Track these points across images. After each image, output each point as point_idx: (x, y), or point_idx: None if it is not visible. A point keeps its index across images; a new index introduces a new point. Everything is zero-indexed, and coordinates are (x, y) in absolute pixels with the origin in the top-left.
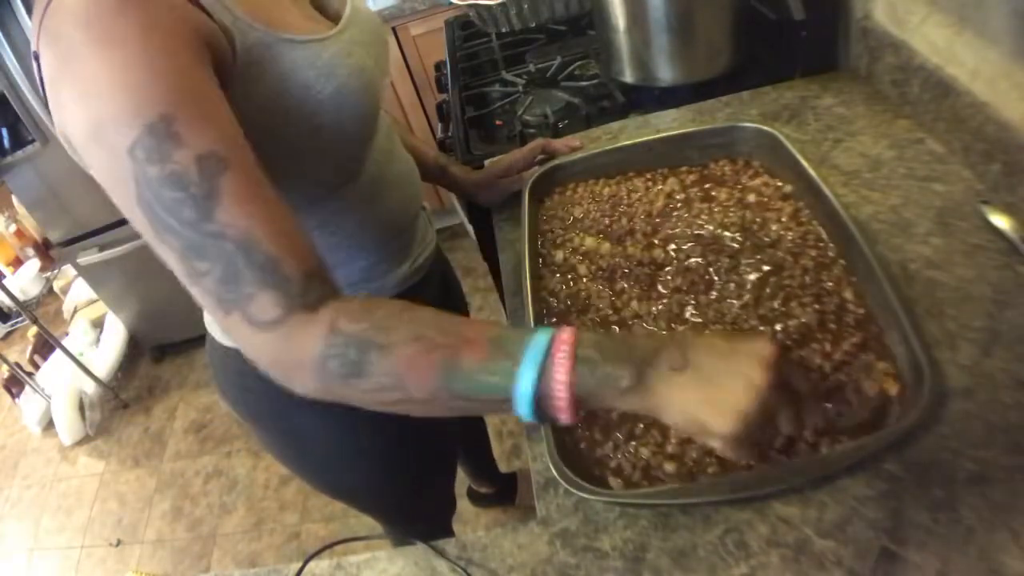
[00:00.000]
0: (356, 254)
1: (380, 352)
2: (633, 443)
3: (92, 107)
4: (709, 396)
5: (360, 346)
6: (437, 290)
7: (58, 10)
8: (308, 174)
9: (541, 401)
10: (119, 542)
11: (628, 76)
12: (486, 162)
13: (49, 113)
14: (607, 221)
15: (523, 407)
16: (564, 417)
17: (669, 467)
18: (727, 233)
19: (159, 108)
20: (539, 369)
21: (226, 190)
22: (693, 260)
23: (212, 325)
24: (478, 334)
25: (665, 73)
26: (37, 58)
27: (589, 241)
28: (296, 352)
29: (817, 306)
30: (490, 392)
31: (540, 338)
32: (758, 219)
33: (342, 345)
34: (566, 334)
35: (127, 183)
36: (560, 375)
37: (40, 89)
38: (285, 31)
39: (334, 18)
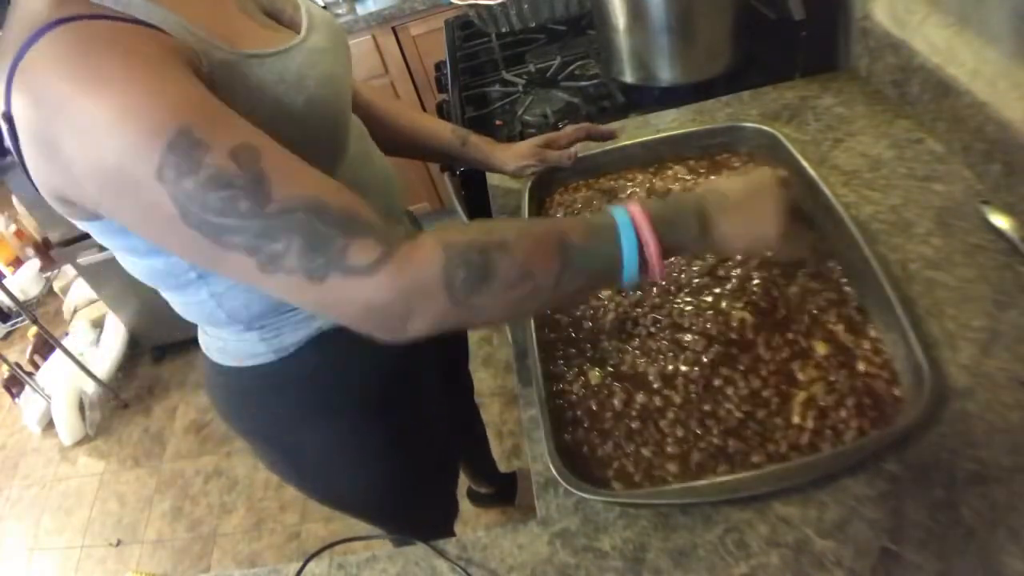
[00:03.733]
0: None
1: (500, 250)
2: (633, 445)
3: (102, 150)
4: (754, 215)
5: (480, 250)
6: None
7: (31, 68)
8: None
9: (641, 265)
10: (119, 542)
11: (628, 76)
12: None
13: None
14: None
15: (631, 272)
16: (660, 274)
17: (672, 467)
18: None
19: (173, 124)
20: (635, 239)
21: (271, 169)
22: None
23: (209, 347)
24: (568, 222)
25: (665, 73)
26: (8, 119)
27: None
28: (417, 276)
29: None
30: (604, 263)
31: (622, 217)
32: None
33: (462, 254)
34: (639, 207)
35: (167, 207)
36: (651, 242)
37: (13, 149)
38: (248, 47)
39: (289, 25)
